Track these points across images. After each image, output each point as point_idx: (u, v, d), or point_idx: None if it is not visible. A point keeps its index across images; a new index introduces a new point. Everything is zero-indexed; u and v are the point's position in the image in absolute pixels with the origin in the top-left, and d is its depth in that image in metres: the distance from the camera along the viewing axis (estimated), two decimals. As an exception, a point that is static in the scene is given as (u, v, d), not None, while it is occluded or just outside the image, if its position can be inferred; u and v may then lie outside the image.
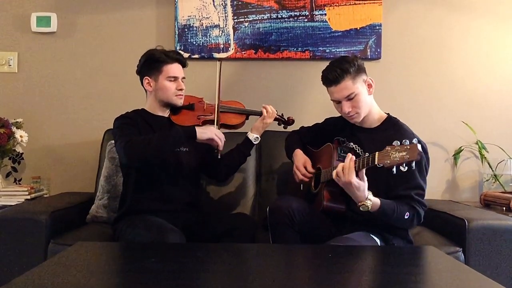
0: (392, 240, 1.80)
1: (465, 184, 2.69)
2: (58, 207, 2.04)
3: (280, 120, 2.20)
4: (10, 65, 2.68)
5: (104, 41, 2.70)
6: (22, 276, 1.14)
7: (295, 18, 2.65)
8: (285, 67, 2.70)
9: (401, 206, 1.69)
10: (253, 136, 2.10)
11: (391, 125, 1.86)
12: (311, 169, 1.97)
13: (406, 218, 1.69)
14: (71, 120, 2.70)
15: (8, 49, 2.69)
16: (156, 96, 2.05)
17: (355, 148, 1.86)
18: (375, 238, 1.76)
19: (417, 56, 2.69)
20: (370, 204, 1.63)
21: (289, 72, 2.69)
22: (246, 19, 2.66)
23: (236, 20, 2.66)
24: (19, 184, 2.65)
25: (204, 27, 2.67)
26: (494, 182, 2.58)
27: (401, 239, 1.82)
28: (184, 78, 2.07)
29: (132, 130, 1.94)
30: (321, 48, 2.65)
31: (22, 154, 2.64)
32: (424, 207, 1.74)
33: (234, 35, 2.66)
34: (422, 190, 1.74)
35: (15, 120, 2.49)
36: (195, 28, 2.66)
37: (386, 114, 1.90)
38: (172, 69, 2.02)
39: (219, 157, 1.95)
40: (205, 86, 2.50)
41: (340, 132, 1.95)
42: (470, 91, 2.68)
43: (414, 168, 1.67)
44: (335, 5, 2.64)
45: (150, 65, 2.03)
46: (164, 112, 2.09)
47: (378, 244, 1.74)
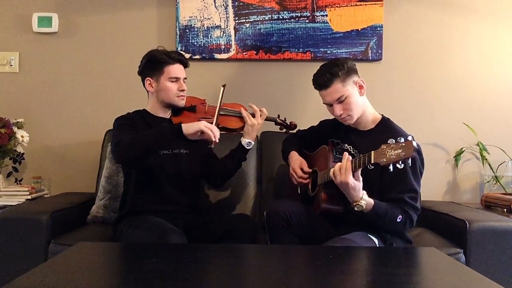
0: (391, 240, 1.80)
1: (466, 186, 2.69)
2: (59, 207, 2.04)
3: (282, 124, 2.19)
4: (12, 65, 2.69)
5: (105, 41, 2.71)
6: (22, 276, 1.14)
7: (296, 19, 2.65)
8: (286, 68, 2.70)
9: (394, 209, 1.70)
10: (245, 141, 2.06)
11: (386, 127, 1.85)
12: (307, 169, 1.97)
13: (399, 221, 1.70)
14: (72, 120, 2.70)
15: (9, 49, 2.69)
16: (158, 97, 2.04)
17: (349, 150, 1.87)
18: (373, 238, 1.76)
19: (418, 57, 2.69)
20: (365, 204, 1.64)
21: (290, 73, 2.69)
22: (247, 20, 2.66)
23: (237, 21, 2.66)
24: (20, 184, 2.65)
25: (205, 28, 2.67)
26: (495, 184, 2.58)
27: (399, 239, 1.82)
28: (185, 79, 2.06)
29: (130, 131, 1.93)
30: (322, 49, 2.65)
31: (23, 154, 2.64)
32: (417, 211, 1.74)
33: (235, 36, 2.66)
34: (416, 193, 1.74)
35: (16, 120, 2.49)
36: (196, 29, 2.66)
37: (380, 115, 1.90)
38: (174, 69, 2.02)
39: (212, 147, 1.87)
40: (206, 87, 2.50)
41: (335, 134, 1.96)
42: (471, 92, 2.68)
43: (408, 171, 1.68)
44: (336, 6, 2.64)
45: (151, 66, 2.02)
46: (165, 113, 2.08)
47: (376, 244, 1.74)
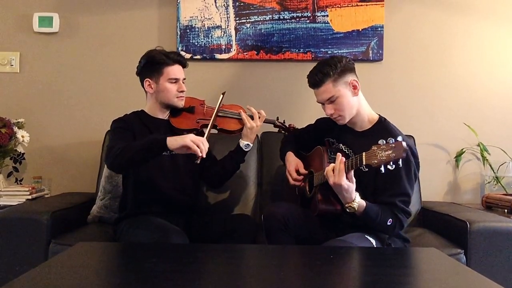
0: (388, 240, 1.80)
1: (466, 186, 2.69)
2: (59, 207, 2.04)
3: (280, 127, 2.18)
4: (12, 65, 2.69)
5: (106, 41, 2.71)
6: (22, 276, 1.14)
7: (297, 19, 2.65)
8: (286, 68, 2.70)
9: (385, 212, 1.70)
10: (243, 143, 2.05)
11: (382, 127, 1.83)
12: (303, 170, 1.96)
13: (389, 224, 1.70)
14: (72, 120, 2.70)
15: (10, 49, 2.69)
16: (157, 98, 2.03)
17: (344, 150, 1.86)
18: (370, 239, 1.75)
19: (418, 58, 2.69)
20: (357, 206, 1.65)
21: (290, 73, 2.69)
22: (248, 20, 2.66)
23: (238, 21, 2.66)
24: (21, 184, 2.65)
25: (206, 28, 2.66)
26: (496, 184, 2.57)
27: (397, 238, 1.82)
28: (184, 79, 2.05)
29: (126, 134, 1.92)
30: (323, 50, 2.65)
31: (23, 154, 2.64)
32: (408, 215, 1.74)
33: (236, 36, 2.66)
34: (408, 197, 1.74)
35: (17, 120, 2.49)
36: (197, 29, 2.66)
37: (378, 115, 1.88)
38: (173, 70, 2.01)
39: (198, 162, 1.76)
40: (206, 87, 2.50)
41: (330, 133, 1.94)
42: (472, 93, 2.68)
43: (402, 173, 1.67)
44: (337, 6, 2.64)
45: (150, 67, 2.01)
46: (164, 114, 2.07)
47: (374, 245, 1.74)
